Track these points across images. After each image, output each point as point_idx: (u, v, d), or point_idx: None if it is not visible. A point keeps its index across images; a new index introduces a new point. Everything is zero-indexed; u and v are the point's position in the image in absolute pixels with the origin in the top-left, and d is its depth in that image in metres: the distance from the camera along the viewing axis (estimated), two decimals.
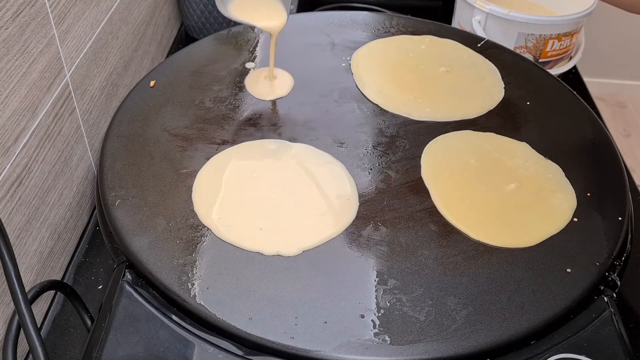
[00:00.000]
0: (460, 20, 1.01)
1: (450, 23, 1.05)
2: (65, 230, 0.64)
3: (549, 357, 0.47)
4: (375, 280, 0.51)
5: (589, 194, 0.60)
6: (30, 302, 0.47)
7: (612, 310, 0.50)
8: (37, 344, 0.46)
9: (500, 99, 0.73)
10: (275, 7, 0.70)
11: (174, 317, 0.49)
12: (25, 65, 0.54)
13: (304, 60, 0.77)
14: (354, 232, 0.56)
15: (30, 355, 0.50)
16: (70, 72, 0.63)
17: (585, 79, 1.01)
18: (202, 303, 0.49)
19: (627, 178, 0.63)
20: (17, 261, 0.49)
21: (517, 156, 0.64)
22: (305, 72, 0.76)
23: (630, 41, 2.22)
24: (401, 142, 0.66)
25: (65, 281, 0.63)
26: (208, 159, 0.62)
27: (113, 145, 0.64)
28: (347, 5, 1.09)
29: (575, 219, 0.57)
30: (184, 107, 0.69)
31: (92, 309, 0.57)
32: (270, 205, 0.57)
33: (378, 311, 0.49)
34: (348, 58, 0.79)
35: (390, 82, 0.75)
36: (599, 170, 0.63)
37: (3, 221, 0.49)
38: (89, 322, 0.56)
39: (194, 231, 0.55)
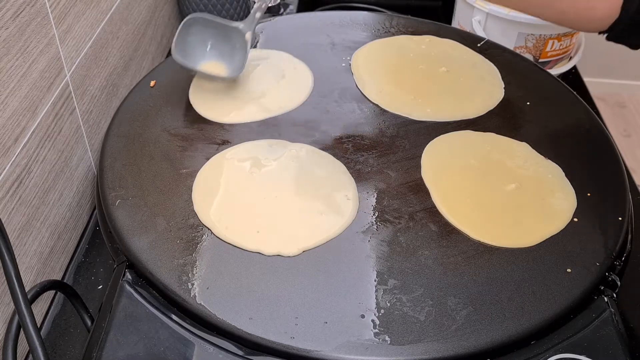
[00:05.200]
0: (460, 20, 1.01)
1: (450, 23, 1.05)
2: (65, 230, 0.64)
3: (549, 357, 0.47)
4: (375, 280, 0.51)
5: (589, 194, 0.60)
6: (30, 302, 0.47)
7: (612, 310, 0.50)
8: (37, 344, 0.46)
9: (500, 99, 0.73)
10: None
11: (174, 317, 0.49)
12: (25, 65, 0.54)
13: (304, 60, 0.77)
14: (354, 232, 0.56)
15: (30, 355, 0.50)
16: (70, 72, 0.63)
17: (585, 79, 1.01)
18: (202, 303, 0.49)
19: (627, 178, 0.63)
20: (17, 261, 0.49)
21: (517, 156, 0.64)
22: None
23: None
24: (401, 142, 0.66)
25: (65, 281, 0.63)
26: (208, 159, 0.62)
27: (113, 145, 0.64)
28: (347, 5, 1.09)
29: (575, 219, 0.57)
30: (184, 107, 0.69)
31: (92, 309, 0.57)
32: (270, 205, 0.57)
33: (378, 311, 0.49)
34: (348, 58, 0.79)
35: (390, 82, 0.75)
36: (599, 170, 0.63)
37: (3, 221, 0.49)
38: (89, 322, 0.56)
39: (194, 231, 0.55)
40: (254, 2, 0.72)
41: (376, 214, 0.57)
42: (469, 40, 0.83)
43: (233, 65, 0.71)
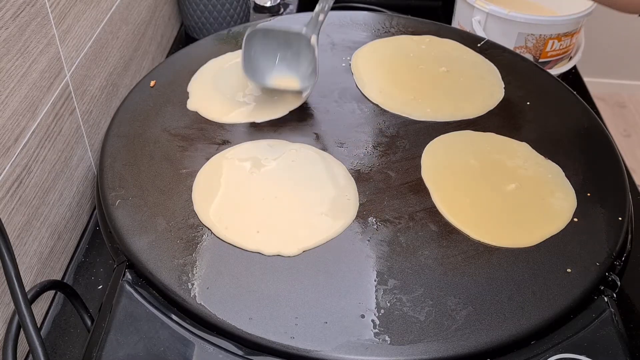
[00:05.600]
0: (460, 20, 1.01)
1: (450, 23, 1.05)
2: (65, 230, 0.64)
3: (549, 357, 0.47)
4: (375, 280, 0.51)
5: (589, 194, 0.60)
6: (30, 302, 0.47)
7: (612, 310, 0.50)
8: (37, 344, 0.46)
9: (500, 99, 0.73)
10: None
11: (174, 317, 0.49)
12: (25, 65, 0.54)
13: None
14: (354, 232, 0.56)
15: (30, 355, 0.50)
16: (70, 72, 0.63)
17: (585, 79, 1.01)
18: (202, 303, 0.49)
19: (627, 178, 0.63)
20: (17, 261, 0.49)
21: (517, 156, 0.64)
22: None
23: (630, 41, 2.22)
24: (401, 142, 0.66)
25: (65, 281, 0.63)
26: (208, 159, 0.62)
27: (113, 145, 0.64)
28: (347, 5, 1.09)
29: (575, 219, 0.57)
30: (184, 107, 0.69)
31: (92, 309, 0.57)
32: (270, 205, 0.57)
33: (378, 311, 0.49)
34: (348, 58, 0.79)
35: (390, 82, 0.75)
36: (599, 170, 0.63)
37: (3, 221, 0.49)
38: (89, 322, 0.56)
39: (194, 231, 0.55)
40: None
41: (376, 214, 0.57)
42: (469, 40, 0.83)
43: (301, 74, 0.68)
